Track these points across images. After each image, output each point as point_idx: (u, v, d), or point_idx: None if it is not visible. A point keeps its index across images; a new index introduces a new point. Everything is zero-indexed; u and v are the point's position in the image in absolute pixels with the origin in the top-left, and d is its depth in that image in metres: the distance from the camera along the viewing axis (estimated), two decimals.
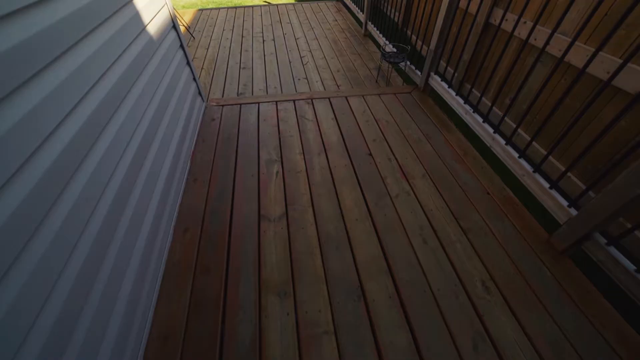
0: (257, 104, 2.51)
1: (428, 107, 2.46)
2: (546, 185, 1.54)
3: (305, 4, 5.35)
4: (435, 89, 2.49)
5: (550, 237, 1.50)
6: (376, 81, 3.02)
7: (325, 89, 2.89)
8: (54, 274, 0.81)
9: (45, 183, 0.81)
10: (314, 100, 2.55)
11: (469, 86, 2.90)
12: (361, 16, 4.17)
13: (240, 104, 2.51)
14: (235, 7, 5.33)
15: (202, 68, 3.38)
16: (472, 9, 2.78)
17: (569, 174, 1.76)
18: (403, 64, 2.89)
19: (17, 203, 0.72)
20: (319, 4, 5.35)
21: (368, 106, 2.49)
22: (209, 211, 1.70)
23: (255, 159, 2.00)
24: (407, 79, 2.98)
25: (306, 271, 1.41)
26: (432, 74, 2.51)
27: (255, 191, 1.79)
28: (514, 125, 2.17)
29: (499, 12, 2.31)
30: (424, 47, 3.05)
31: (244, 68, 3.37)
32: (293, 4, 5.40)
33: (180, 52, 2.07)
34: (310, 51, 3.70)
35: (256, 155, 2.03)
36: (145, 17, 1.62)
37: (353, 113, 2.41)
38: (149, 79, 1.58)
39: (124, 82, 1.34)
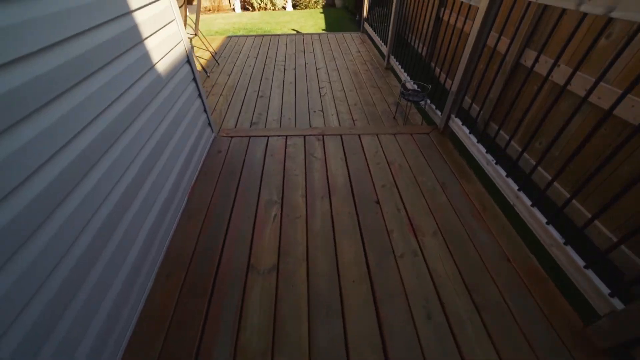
0: (266, 138, 2.45)
1: (447, 151, 2.29)
2: (581, 262, 1.30)
3: (330, 35, 5.43)
4: (456, 133, 2.32)
5: (586, 328, 1.25)
6: (394, 117, 2.90)
7: (340, 124, 2.80)
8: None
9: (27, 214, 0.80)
10: (325, 137, 2.46)
11: (495, 126, 2.72)
12: (384, 49, 4.13)
13: (250, 137, 2.46)
14: (263, 35, 5.51)
15: (220, 94, 3.43)
16: (501, 47, 2.64)
17: (622, 246, 1.49)
18: (423, 102, 2.75)
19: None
20: (344, 34, 5.41)
21: (381, 146, 2.36)
22: (197, 253, 1.60)
23: (255, 198, 1.90)
24: (427, 118, 2.83)
25: (289, 340, 1.25)
26: (452, 116, 2.35)
27: (249, 236, 1.67)
28: (548, 177, 1.94)
29: (531, 54, 2.15)
30: (448, 80, 2.92)
31: (261, 96, 3.37)
32: (319, 34, 5.50)
33: (192, 85, 2.07)
34: (330, 82, 3.66)
35: (257, 194, 1.93)
36: (155, 56, 1.62)
37: (364, 153, 2.28)
38: (151, 115, 1.56)
39: (122, 120, 1.31)
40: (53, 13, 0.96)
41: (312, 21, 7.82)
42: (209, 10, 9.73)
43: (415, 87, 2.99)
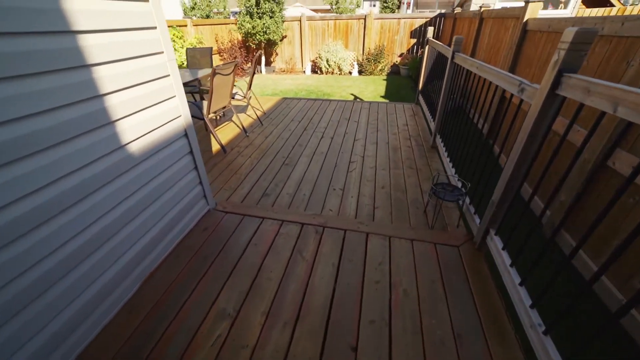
0: (260, 220, 2.18)
1: (477, 281, 1.68)
2: None
3: (382, 104, 5.27)
4: (494, 258, 1.71)
5: None
6: (424, 211, 2.39)
7: (356, 211, 2.39)
8: None
9: None
10: (325, 229, 2.08)
11: (568, 238, 2.01)
12: (432, 125, 3.73)
13: (244, 215, 2.22)
14: (315, 99, 5.64)
15: (249, 157, 3.39)
16: (575, 138, 2.04)
17: None
18: (460, 201, 2.21)
19: None
20: (396, 105, 5.20)
21: (390, 256, 1.86)
22: (120, 357, 1.29)
23: (209, 303, 1.56)
24: (465, 221, 2.25)
25: None
26: (491, 231, 1.77)
27: (175, 358, 1.31)
28: None
29: (624, 157, 1.56)
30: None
31: (286, 164, 3.22)
32: (370, 102, 5.40)
33: (187, 159, 1.97)
34: (363, 157, 3.36)
35: (215, 296, 1.60)
36: (142, 129, 1.56)
37: (365, 263, 1.81)
38: (119, 188, 1.46)
39: (79, 191, 1.24)
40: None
41: (373, 87, 7.92)
42: (284, 71, 10.77)
43: (455, 176, 2.47)
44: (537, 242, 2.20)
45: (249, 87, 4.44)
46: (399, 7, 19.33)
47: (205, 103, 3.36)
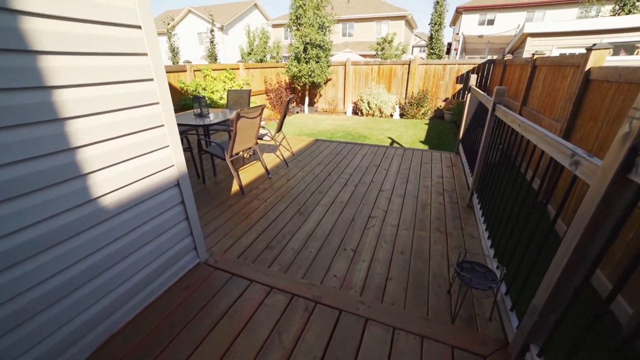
0: (248, 283, 1.92)
1: None
2: None
3: (417, 151, 4.90)
4: None
5: None
6: (448, 291, 1.93)
7: (365, 280, 2.02)
8: None
9: None
10: (317, 307, 1.74)
11: None
12: (470, 180, 3.26)
13: (233, 275, 1.99)
14: (347, 142, 5.48)
15: (265, 201, 3.24)
16: None
17: None
18: (494, 289, 1.73)
19: None
20: (433, 153, 4.79)
21: (390, 354, 1.45)
22: None
23: None
24: (500, 314, 1.74)
25: None
26: (533, 349, 1.28)
27: None
28: None
29: None
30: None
31: (300, 213, 2.99)
32: (404, 148, 5.07)
33: (178, 209, 1.84)
34: (386, 211, 3.00)
35: None
36: (126, 178, 1.48)
37: None
38: (92, 238, 1.35)
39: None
40: None
41: (413, 131, 7.61)
42: (325, 111, 11.03)
43: (489, 256, 2.01)
44: None
45: (279, 129, 4.45)
46: (448, 52, 19.32)
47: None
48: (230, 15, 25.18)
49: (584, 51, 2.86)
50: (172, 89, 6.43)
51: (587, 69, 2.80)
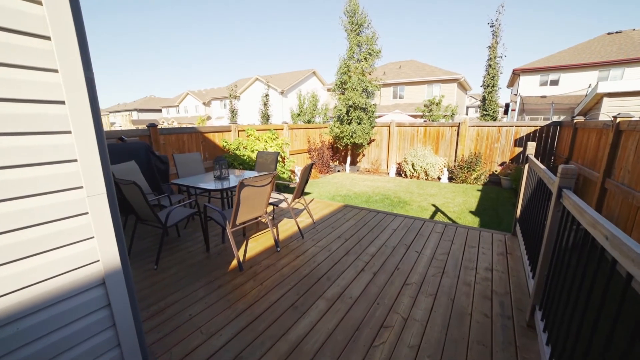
0: None
1: None
2: None
3: (462, 228, 4.03)
4: None
5: None
6: None
7: None
8: None
9: None
10: None
11: None
12: (531, 284, 2.33)
13: None
14: (378, 212, 4.84)
15: (261, 283, 2.72)
16: None
17: None
18: None
19: None
20: (483, 232, 3.87)
21: None
22: None
23: None
24: None
25: None
26: None
27: None
28: None
29: None
30: None
31: (295, 308, 2.39)
32: (445, 224, 4.22)
33: (102, 314, 1.43)
34: (406, 320, 2.23)
35: None
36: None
37: None
38: None
39: None
40: None
41: (462, 198, 6.66)
42: (368, 171, 10.64)
43: None
44: None
45: (299, 195, 4.08)
46: (505, 113, 18.14)
47: None
48: (291, 81, 28.12)
49: None
50: (216, 146, 6.73)
51: None
